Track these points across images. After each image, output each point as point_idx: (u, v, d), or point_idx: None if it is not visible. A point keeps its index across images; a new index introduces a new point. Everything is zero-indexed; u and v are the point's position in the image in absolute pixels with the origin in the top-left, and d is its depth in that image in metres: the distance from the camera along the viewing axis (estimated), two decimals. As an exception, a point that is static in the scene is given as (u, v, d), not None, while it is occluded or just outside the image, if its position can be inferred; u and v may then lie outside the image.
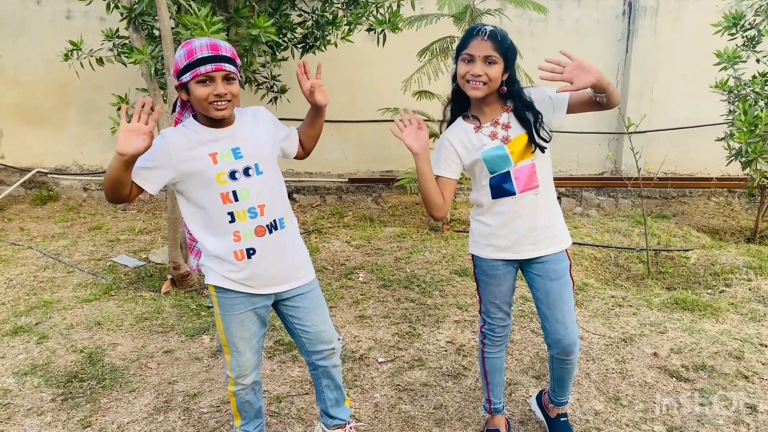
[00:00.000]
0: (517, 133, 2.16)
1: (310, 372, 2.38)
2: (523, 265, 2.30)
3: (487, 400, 2.55)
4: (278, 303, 2.20)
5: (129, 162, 1.83)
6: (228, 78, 1.93)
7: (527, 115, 2.15)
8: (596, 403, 2.83)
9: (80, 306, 3.89)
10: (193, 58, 1.88)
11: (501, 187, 2.18)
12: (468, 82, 2.08)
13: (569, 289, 2.25)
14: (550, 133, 2.18)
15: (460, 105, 2.25)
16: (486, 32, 2.03)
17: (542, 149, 2.16)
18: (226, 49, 1.94)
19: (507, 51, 2.07)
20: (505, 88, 2.13)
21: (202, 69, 1.87)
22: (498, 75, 2.07)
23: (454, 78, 2.17)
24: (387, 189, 6.65)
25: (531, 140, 2.14)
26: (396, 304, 3.94)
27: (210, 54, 1.88)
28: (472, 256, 2.36)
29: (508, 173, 2.16)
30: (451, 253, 4.89)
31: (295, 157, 2.32)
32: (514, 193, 2.17)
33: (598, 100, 2.06)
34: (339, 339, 2.31)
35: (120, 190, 1.90)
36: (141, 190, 1.97)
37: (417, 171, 2.14)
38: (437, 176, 2.19)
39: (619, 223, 5.88)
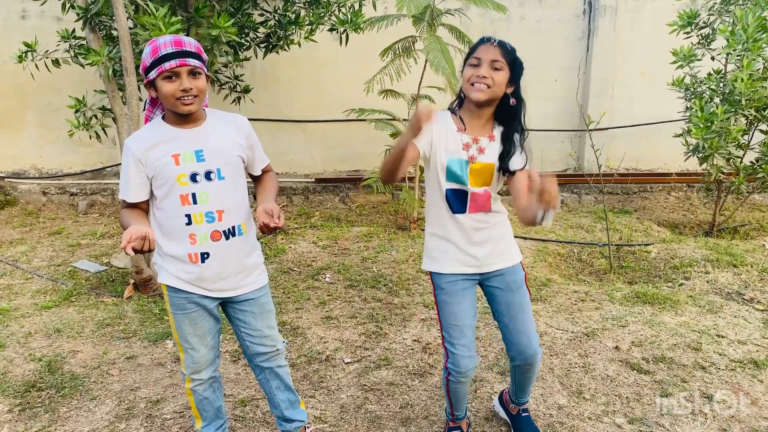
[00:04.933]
0: (487, 161, 2.16)
1: (257, 378, 2.37)
2: (482, 282, 2.31)
3: (450, 413, 2.54)
4: (227, 304, 2.21)
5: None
6: (193, 73, 1.93)
7: (510, 148, 2.16)
8: (559, 398, 2.87)
9: (39, 313, 3.80)
10: (157, 55, 1.89)
11: (457, 204, 2.19)
12: (473, 84, 2.08)
13: (528, 299, 2.30)
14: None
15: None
16: (496, 40, 2.08)
17: (508, 173, 2.19)
18: (191, 44, 1.93)
19: (514, 61, 2.09)
20: (514, 101, 2.13)
21: (167, 65, 1.88)
22: (503, 81, 2.08)
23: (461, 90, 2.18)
24: (354, 189, 6.64)
25: (500, 169, 2.18)
26: (363, 304, 3.94)
27: (174, 50, 1.88)
28: (431, 274, 2.31)
29: (466, 194, 2.18)
30: (417, 251, 4.91)
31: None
32: (464, 212, 2.19)
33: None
34: (283, 341, 2.33)
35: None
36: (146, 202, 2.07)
37: (401, 143, 1.98)
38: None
39: (582, 219, 5.98)
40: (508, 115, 2.17)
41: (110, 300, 4.01)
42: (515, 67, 2.10)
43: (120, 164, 6.54)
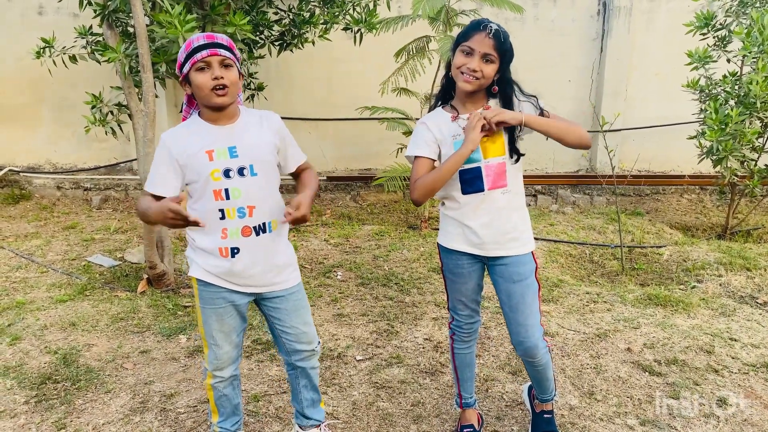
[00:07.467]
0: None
1: (287, 372, 2.40)
2: (488, 265, 2.32)
3: (458, 395, 2.59)
4: (260, 302, 2.22)
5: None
6: (225, 65, 1.97)
7: (510, 106, 2.18)
8: (571, 398, 2.87)
9: (54, 306, 3.84)
10: (190, 48, 1.96)
11: (472, 183, 2.19)
12: (462, 74, 2.11)
13: (532, 291, 2.26)
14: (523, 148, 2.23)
15: (448, 95, 2.27)
16: (491, 29, 2.06)
17: (517, 158, 2.21)
18: (222, 38, 1.99)
19: (506, 52, 2.10)
20: (497, 88, 2.16)
21: (198, 56, 1.94)
22: (492, 74, 2.11)
23: (448, 66, 2.20)
24: (365, 187, 6.66)
25: (510, 148, 2.19)
26: (374, 302, 3.95)
27: (205, 42, 1.95)
28: (439, 249, 2.37)
29: (479, 169, 2.18)
30: (429, 250, 4.92)
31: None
32: (483, 190, 2.19)
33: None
34: (318, 342, 2.34)
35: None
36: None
37: (458, 158, 2.11)
38: (419, 157, 2.18)
39: (594, 220, 5.96)
40: (497, 94, 2.20)
41: (124, 294, 4.05)
42: (506, 56, 2.11)
43: (134, 160, 6.61)
